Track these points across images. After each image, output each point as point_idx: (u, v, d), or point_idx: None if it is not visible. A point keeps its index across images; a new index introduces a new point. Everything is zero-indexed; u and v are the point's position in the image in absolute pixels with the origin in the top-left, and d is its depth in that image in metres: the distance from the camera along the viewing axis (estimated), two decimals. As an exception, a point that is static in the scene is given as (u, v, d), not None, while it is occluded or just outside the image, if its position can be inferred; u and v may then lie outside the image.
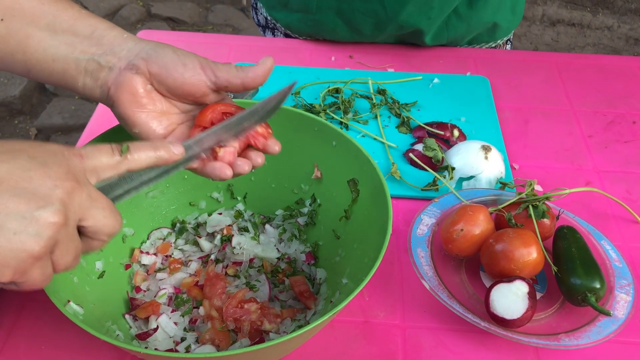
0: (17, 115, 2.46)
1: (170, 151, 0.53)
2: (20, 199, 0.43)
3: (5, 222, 0.42)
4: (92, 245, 0.49)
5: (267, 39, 1.16)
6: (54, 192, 0.44)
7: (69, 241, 0.46)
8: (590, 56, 1.14)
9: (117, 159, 0.50)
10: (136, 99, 0.58)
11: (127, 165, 0.51)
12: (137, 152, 0.51)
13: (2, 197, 0.42)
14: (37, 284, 0.46)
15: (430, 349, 0.66)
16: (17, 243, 0.42)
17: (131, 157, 0.51)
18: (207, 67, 0.58)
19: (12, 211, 0.42)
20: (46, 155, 0.46)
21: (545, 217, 0.71)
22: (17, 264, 0.43)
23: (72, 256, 0.47)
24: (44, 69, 0.59)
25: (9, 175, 0.43)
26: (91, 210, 0.47)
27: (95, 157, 0.49)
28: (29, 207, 0.43)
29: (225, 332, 0.64)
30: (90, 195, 0.47)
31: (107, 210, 0.48)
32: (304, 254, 0.74)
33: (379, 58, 1.10)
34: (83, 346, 0.65)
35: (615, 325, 0.64)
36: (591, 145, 0.94)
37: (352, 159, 0.70)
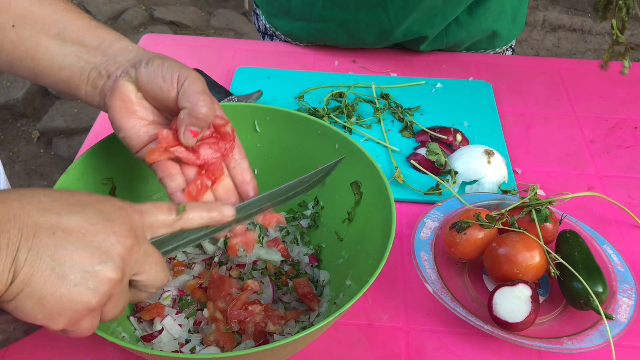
0: (20, 118, 2.46)
1: (222, 213, 0.56)
2: (85, 252, 0.44)
3: (69, 273, 0.43)
4: (139, 296, 0.51)
5: (271, 43, 1.17)
6: (115, 248, 0.46)
7: (122, 295, 0.48)
8: (593, 62, 1.15)
9: (173, 217, 0.52)
10: (126, 105, 0.58)
11: (182, 224, 0.53)
12: (192, 212, 0.54)
13: (68, 248, 0.44)
14: (83, 334, 0.47)
15: (433, 351, 0.67)
16: (76, 295, 0.44)
17: (186, 216, 0.53)
18: (180, 82, 0.57)
19: (76, 263, 0.44)
20: (111, 210, 0.47)
21: (548, 221, 0.72)
22: (72, 315, 0.44)
23: (121, 308, 0.49)
24: (51, 76, 0.61)
25: (77, 228, 0.45)
26: (145, 266, 0.49)
27: (153, 214, 0.51)
28: (92, 261, 0.44)
29: (229, 334, 0.64)
30: (147, 251, 0.49)
31: (159, 265, 0.50)
32: (307, 256, 0.74)
33: (382, 63, 1.10)
34: (88, 347, 0.65)
35: (617, 329, 0.65)
36: (593, 151, 0.94)
37: (355, 162, 0.70)
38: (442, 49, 1.13)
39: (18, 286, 0.42)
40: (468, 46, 1.14)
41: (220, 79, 1.05)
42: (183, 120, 0.57)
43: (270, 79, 1.05)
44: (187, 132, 0.57)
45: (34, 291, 0.42)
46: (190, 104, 0.56)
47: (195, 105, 0.56)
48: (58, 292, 0.43)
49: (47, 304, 0.43)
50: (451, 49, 1.13)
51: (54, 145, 2.36)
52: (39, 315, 0.43)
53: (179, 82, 0.57)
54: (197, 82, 0.58)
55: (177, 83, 0.57)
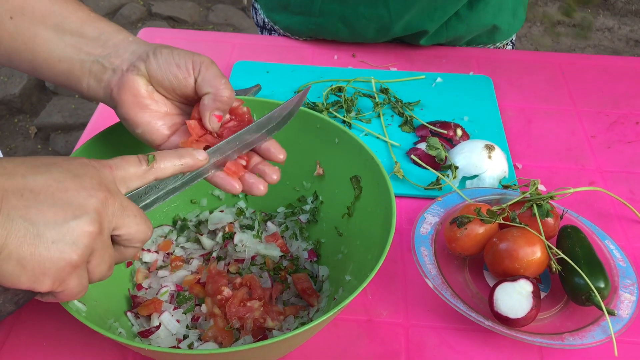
0: (17, 114, 2.45)
1: (195, 157, 0.55)
2: (57, 209, 0.44)
3: (44, 232, 0.43)
4: (125, 253, 0.51)
5: (270, 38, 1.16)
6: (88, 201, 0.45)
7: (104, 250, 0.47)
8: (594, 56, 1.14)
9: (145, 168, 0.52)
10: (138, 100, 0.58)
11: (154, 174, 0.52)
12: (163, 160, 0.53)
13: (39, 207, 0.43)
14: (74, 294, 0.46)
15: (433, 347, 0.66)
16: (56, 252, 0.43)
17: (157, 165, 0.52)
18: (197, 69, 0.58)
19: (49, 221, 0.43)
20: (78, 167, 0.47)
21: (549, 216, 0.71)
22: (55, 273, 0.44)
23: (107, 265, 0.48)
24: (50, 69, 0.60)
25: (45, 187, 0.44)
26: (124, 219, 0.48)
27: (123, 167, 0.50)
28: (65, 217, 0.44)
29: (228, 330, 0.63)
30: (122, 204, 0.48)
31: (138, 217, 0.49)
32: (306, 251, 0.74)
33: (381, 57, 1.10)
34: (85, 343, 0.65)
35: (619, 324, 0.64)
36: (594, 146, 0.94)
37: (355, 156, 0.69)
38: (442, 44, 1.12)
39: None
40: (468, 40, 1.13)
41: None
42: (208, 105, 0.57)
43: (269, 73, 1.04)
44: (212, 117, 0.57)
45: (12, 253, 0.42)
46: (214, 89, 0.56)
47: (218, 90, 0.56)
48: (37, 251, 0.43)
49: (28, 265, 0.43)
50: (451, 44, 1.12)
51: (51, 141, 2.34)
52: (22, 277, 0.43)
53: (195, 68, 0.57)
54: (213, 66, 0.58)
55: (194, 70, 0.57)
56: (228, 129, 0.60)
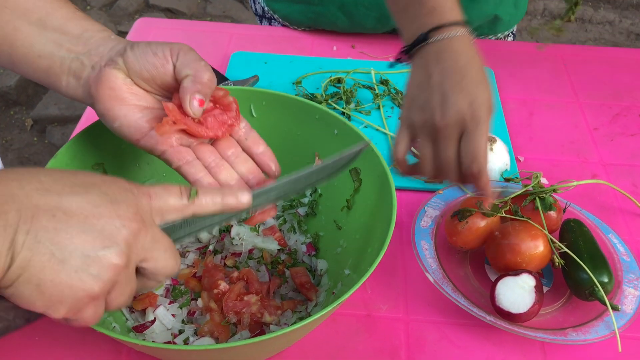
0: (13, 106, 2.43)
1: (238, 199, 0.52)
2: (86, 236, 0.42)
3: (69, 259, 0.41)
4: (147, 285, 0.48)
5: (268, 28, 1.14)
6: (120, 232, 0.43)
7: (127, 283, 0.45)
8: (596, 48, 1.13)
9: (185, 202, 0.49)
10: (116, 94, 0.56)
11: (194, 209, 0.50)
12: (204, 197, 0.50)
13: (69, 232, 0.41)
14: (87, 323, 0.44)
15: (434, 343, 0.65)
16: (77, 281, 0.41)
17: (198, 201, 0.50)
18: (175, 55, 0.56)
19: (77, 248, 0.41)
20: (117, 192, 0.45)
21: (552, 210, 0.70)
22: (72, 302, 0.42)
23: (127, 297, 0.46)
24: (29, 65, 0.58)
25: (79, 210, 0.42)
26: (153, 252, 0.46)
27: (163, 198, 0.48)
28: (94, 246, 0.42)
29: (224, 324, 0.62)
30: (154, 237, 0.46)
31: (168, 252, 0.47)
32: (305, 244, 0.72)
33: (381, 48, 1.08)
34: (78, 338, 0.63)
35: (623, 320, 0.63)
36: (597, 138, 0.92)
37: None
38: None
39: (16, 271, 0.40)
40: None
41: (216, 64, 1.03)
42: (188, 88, 0.54)
43: (267, 64, 1.02)
44: (193, 101, 0.54)
45: (33, 277, 0.40)
46: (193, 70, 0.54)
47: (198, 71, 0.54)
48: (58, 278, 0.41)
49: (47, 291, 0.41)
50: None
51: (47, 133, 2.33)
52: (38, 302, 0.41)
53: (172, 54, 0.55)
54: (191, 51, 0.56)
55: (171, 56, 0.55)
56: (214, 117, 0.57)
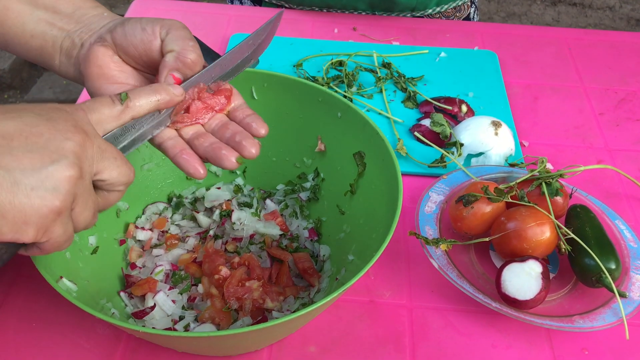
0: (7, 90, 2.40)
1: (170, 92, 0.51)
2: (33, 155, 0.41)
3: (21, 179, 0.41)
4: (109, 198, 0.48)
5: (267, 10, 1.12)
6: (65, 144, 0.43)
7: (87, 195, 0.45)
8: (601, 32, 1.11)
9: (119, 108, 0.49)
10: (103, 72, 0.54)
11: (130, 113, 0.49)
12: (137, 98, 0.50)
13: (14, 153, 0.41)
14: (59, 243, 0.44)
15: (438, 329, 0.64)
16: (36, 199, 0.41)
17: (132, 104, 0.49)
18: (164, 30, 0.54)
19: (26, 167, 0.41)
20: (50, 111, 0.45)
21: (558, 195, 0.68)
22: (38, 221, 0.42)
23: (92, 212, 0.46)
24: (22, 44, 0.57)
25: (18, 132, 0.42)
26: (104, 162, 0.46)
27: (97, 109, 0.48)
28: (43, 162, 0.41)
29: (225, 311, 0.61)
30: (100, 147, 0.46)
31: (118, 159, 0.47)
32: (307, 230, 0.71)
33: (383, 31, 1.06)
34: (76, 324, 0.62)
35: (631, 307, 0.62)
36: (602, 123, 0.91)
37: (359, 131, 0.66)
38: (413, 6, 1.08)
39: None
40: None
41: (215, 46, 1.01)
42: (167, 63, 0.53)
43: (266, 46, 1.00)
44: (169, 77, 0.52)
45: None
46: (179, 48, 0.53)
47: (184, 49, 0.52)
48: (16, 199, 0.40)
49: (8, 214, 0.40)
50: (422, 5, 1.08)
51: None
52: (4, 228, 0.41)
53: (162, 30, 0.53)
54: (183, 29, 0.54)
55: (160, 31, 0.53)
56: (202, 101, 0.54)
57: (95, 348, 0.61)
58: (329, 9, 1.09)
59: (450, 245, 0.66)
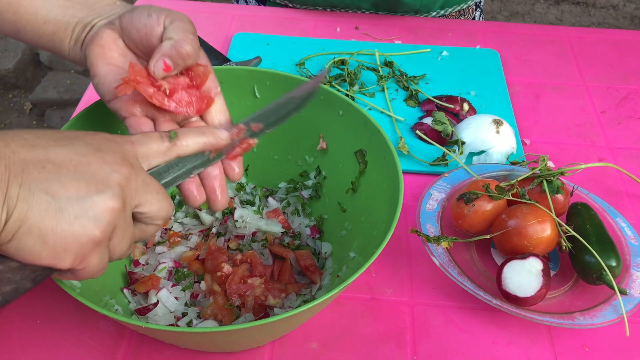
0: (12, 89, 2.41)
1: (216, 136, 0.53)
2: (79, 183, 0.42)
3: (66, 206, 0.41)
4: (146, 231, 0.49)
5: (270, 9, 1.13)
6: (112, 176, 0.43)
7: (126, 227, 0.45)
8: (604, 30, 1.11)
9: (167, 145, 0.50)
10: (104, 52, 0.55)
11: (177, 151, 0.51)
12: (185, 138, 0.51)
13: (61, 180, 0.41)
14: (93, 272, 0.45)
15: (439, 326, 0.64)
16: (78, 227, 0.41)
17: (179, 143, 0.51)
18: (168, 20, 0.54)
19: (72, 195, 0.41)
20: (101, 142, 0.45)
21: (559, 193, 0.69)
22: (77, 249, 0.42)
23: (128, 243, 0.47)
24: (34, 31, 0.57)
25: (67, 160, 0.42)
26: (146, 196, 0.46)
27: (145, 143, 0.49)
28: (88, 191, 0.42)
29: (228, 307, 0.61)
30: (145, 180, 0.47)
31: (160, 194, 0.48)
32: (309, 227, 0.71)
33: (385, 30, 1.06)
34: (80, 321, 0.63)
35: (631, 304, 0.62)
36: (604, 122, 0.91)
37: (360, 129, 0.67)
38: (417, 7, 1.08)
39: (15, 224, 0.40)
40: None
41: (218, 45, 1.01)
42: (162, 48, 0.52)
43: (269, 45, 1.01)
44: (159, 62, 0.52)
45: (33, 227, 0.40)
46: (178, 37, 0.53)
47: (182, 40, 0.53)
48: (59, 226, 0.41)
49: (49, 240, 0.41)
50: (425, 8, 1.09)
51: (46, 117, 2.31)
52: (43, 253, 0.41)
53: (167, 19, 0.54)
54: (187, 23, 0.55)
55: (165, 20, 0.54)
56: (187, 93, 0.55)
57: (99, 344, 0.61)
58: (332, 8, 1.10)
59: (451, 242, 0.67)
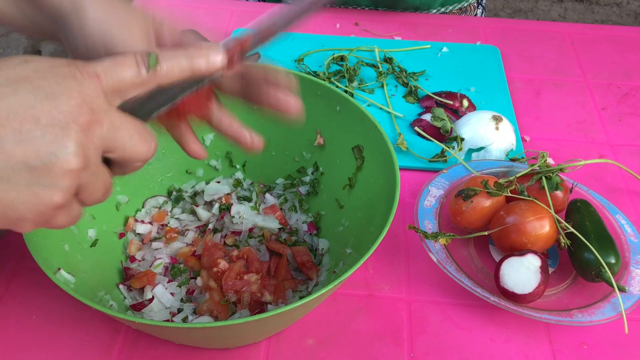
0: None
1: (209, 60, 0.44)
2: (26, 146, 0.36)
3: (12, 175, 0.36)
4: (126, 171, 0.43)
5: (269, 5, 1.12)
6: (66, 132, 0.37)
7: (95, 180, 0.40)
8: (605, 27, 1.10)
9: (144, 75, 0.41)
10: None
11: (157, 81, 0.42)
12: (168, 63, 0.42)
13: (3, 144, 0.35)
14: (65, 225, 0.41)
15: (436, 323, 0.64)
16: (31, 196, 0.37)
17: (161, 71, 0.42)
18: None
19: (18, 161, 0.36)
20: (55, 82, 0.37)
21: (558, 189, 0.68)
22: (35, 216, 0.38)
23: (102, 192, 0.41)
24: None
25: (10, 116, 0.36)
26: (116, 142, 0.40)
27: (115, 75, 0.40)
28: (38, 155, 0.36)
29: (224, 303, 0.61)
30: (113, 124, 0.40)
31: (135, 136, 0.41)
32: (306, 224, 0.71)
33: (385, 26, 1.06)
34: (75, 316, 0.63)
35: (630, 301, 0.62)
36: (605, 118, 0.91)
37: (358, 125, 0.66)
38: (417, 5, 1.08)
39: None
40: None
41: (217, 41, 1.01)
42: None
43: (268, 41, 1.00)
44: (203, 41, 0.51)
45: None
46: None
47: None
48: (7, 197, 0.36)
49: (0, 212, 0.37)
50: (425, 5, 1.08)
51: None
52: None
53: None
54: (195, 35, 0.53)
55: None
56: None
57: (94, 340, 0.61)
58: (332, 5, 1.09)
59: (449, 239, 0.66)
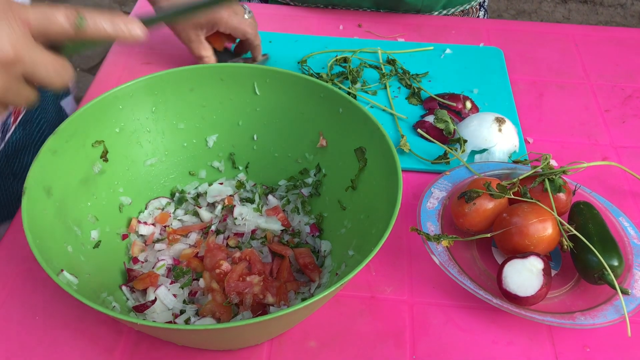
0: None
1: (130, 33, 0.50)
2: None
3: None
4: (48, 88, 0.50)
5: (273, 7, 1.12)
6: None
7: (17, 90, 0.47)
8: (608, 28, 1.10)
9: (70, 32, 0.48)
10: None
11: (82, 37, 0.49)
12: (93, 26, 0.49)
13: None
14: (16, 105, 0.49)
15: (439, 325, 0.64)
16: None
17: (85, 30, 0.48)
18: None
19: None
20: None
21: (561, 192, 0.68)
22: None
23: (25, 96, 0.49)
24: None
25: None
26: (35, 75, 0.47)
27: (44, 25, 0.47)
28: None
29: (226, 305, 0.61)
30: (34, 60, 0.46)
31: (51, 71, 0.48)
32: (308, 225, 0.71)
33: (388, 27, 1.06)
34: (78, 318, 0.63)
35: (633, 304, 0.62)
36: (608, 120, 0.90)
37: (360, 127, 0.66)
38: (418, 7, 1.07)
39: None
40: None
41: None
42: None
43: (271, 43, 1.00)
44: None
45: None
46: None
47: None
48: None
49: None
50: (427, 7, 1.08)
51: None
52: None
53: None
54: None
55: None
56: None
57: (97, 341, 0.61)
58: (333, 7, 1.09)
59: (451, 241, 0.66)
